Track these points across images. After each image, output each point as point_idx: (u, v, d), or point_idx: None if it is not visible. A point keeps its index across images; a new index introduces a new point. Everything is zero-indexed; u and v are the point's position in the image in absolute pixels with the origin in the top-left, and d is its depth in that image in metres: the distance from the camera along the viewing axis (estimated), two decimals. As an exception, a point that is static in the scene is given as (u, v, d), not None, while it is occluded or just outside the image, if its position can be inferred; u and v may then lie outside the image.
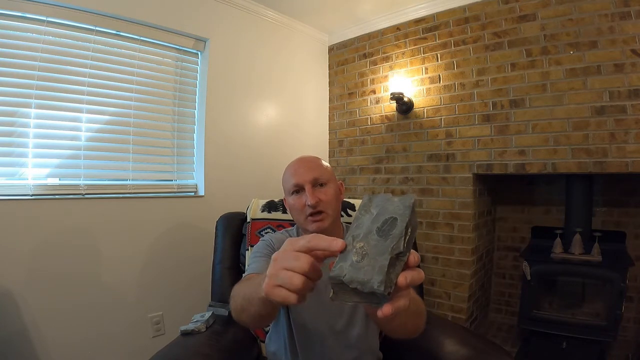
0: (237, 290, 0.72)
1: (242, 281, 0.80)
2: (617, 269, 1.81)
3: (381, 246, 0.39)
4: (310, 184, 0.93)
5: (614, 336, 1.80)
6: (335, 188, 0.98)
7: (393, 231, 0.39)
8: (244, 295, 0.65)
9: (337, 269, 0.39)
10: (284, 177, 0.99)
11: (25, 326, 1.42)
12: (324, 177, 0.95)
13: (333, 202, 0.94)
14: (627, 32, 1.67)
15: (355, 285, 0.38)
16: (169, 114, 1.96)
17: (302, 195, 0.93)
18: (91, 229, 1.62)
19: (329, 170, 0.99)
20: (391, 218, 0.40)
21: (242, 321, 0.69)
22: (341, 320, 0.93)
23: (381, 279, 0.37)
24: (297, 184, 0.94)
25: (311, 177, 0.93)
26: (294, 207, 0.95)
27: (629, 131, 1.67)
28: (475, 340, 1.03)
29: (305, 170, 0.95)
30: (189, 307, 1.86)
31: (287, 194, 0.98)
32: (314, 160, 0.99)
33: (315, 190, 0.93)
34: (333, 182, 0.98)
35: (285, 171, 1.00)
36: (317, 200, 0.90)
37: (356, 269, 0.38)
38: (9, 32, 1.46)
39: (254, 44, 2.29)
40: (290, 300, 0.42)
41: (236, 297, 0.70)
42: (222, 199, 2.04)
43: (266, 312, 0.62)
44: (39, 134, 1.54)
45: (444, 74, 2.24)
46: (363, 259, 0.38)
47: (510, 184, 2.50)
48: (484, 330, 2.43)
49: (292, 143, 2.53)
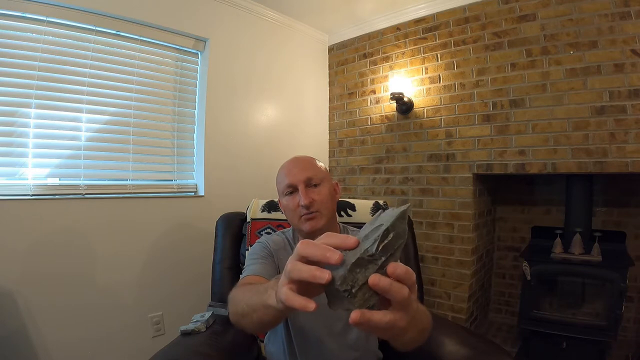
0: (238, 297, 0.70)
1: (241, 285, 0.78)
2: (617, 269, 1.81)
3: (357, 248, 0.39)
4: (303, 184, 0.92)
5: (614, 336, 1.80)
6: (330, 188, 0.97)
7: (373, 236, 0.38)
8: (247, 302, 0.63)
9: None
10: (278, 178, 0.98)
11: (25, 326, 1.42)
12: (317, 177, 0.94)
13: (327, 202, 0.93)
14: (627, 32, 1.67)
15: (330, 287, 0.38)
16: (169, 114, 1.96)
17: (296, 196, 0.92)
18: (91, 229, 1.62)
19: (323, 170, 0.98)
20: (379, 225, 0.39)
21: (241, 326, 0.68)
22: (339, 322, 0.93)
23: (342, 274, 0.37)
24: (290, 184, 0.93)
25: (304, 177, 0.92)
26: (287, 207, 0.95)
27: (629, 131, 1.67)
28: (475, 340, 1.03)
29: (298, 170, 0.94)
30: (189, 307, 1.86)
31: (281, 194, 0.97)
32: (307, 160, 0.98)
33: (309, 191, 0.92)
34: (327, 181, 0.97)
35: (279, 172, 0.99)
36: (310, 200, 0.90)
37: (335, 273, 0.38)
38: (9, 32, 1.46)
39: (254, 44, 2.29)
40: (309, 308, 0.40)
41: (237, 303, 0.68)
42: (222, 199, 2.04)
43: (269, 321, 0.60)
44: (39, 134, 1.54)
45: (444, 74, 2.24)
46: (343, 263, 0.38)
47: (510, 184, 2.50)
48: (484, 330, 2.43)
49: (292, 143, 2.53)
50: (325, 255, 0.38)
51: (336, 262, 0.37)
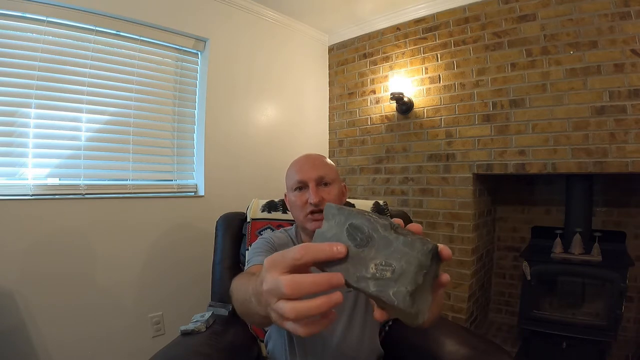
0: (236, 289, 0.68)
1: (242, 275, 0.76)
2: (617, 269, 1.81)
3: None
4: (314, 182, 0.91)
5: (614, 336, 1.80)
6: (339, 189, 0.96)
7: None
8: (242, 304, 0.59)
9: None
10: (288, 173, 0.97)
11: (25, 326, 1.42)
12: (329, 176, 0.94)
13: (335, 202, 0.92)
14: (627, 32, 1.67)
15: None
16: (169, 114, 1.96)
17: (305, 193, 0.92)
18: (91, 229, 1.62)
19: (334, 170, 0.98)
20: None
21: (245, 321, 0.69)
22: (341, 321, 0.93)
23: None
24: (301, 180, 0.92)
25: (316, 175, 0.92)
26: (295, 203, 0.94)
27: (629, 131, 1.67)
28: (475, 340, 1.03)
29: (310, 167, 0.93)
30: (189, 307, 1.86)
31: (290, 190, 0.96)
32: (320, 159, 0.97)
33: (319, 189, 0.91)
34: (337, 182, 0.96)
35: (290, 167, 0.98)
36: (320, 198, 0.89)
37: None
38: (9, 32, 1.46)
39: (254, 44, 2.29)
40: (321, 329, 0.37)
41: (235, 299, 0.66)
42: (222, 199, 2.04)
43: (266, 323, 0.59)
44: (39, 134, 1.54)
45: (444, 74, 2.24)
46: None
47: (510, 184, 2.50)
48: (484, 330, 2.43)
49: (292, 143, 2.53)
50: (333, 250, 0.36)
51: (341, 254, 0.36)
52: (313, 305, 0.34)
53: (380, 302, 0.36)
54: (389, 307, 0.35)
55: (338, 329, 0.92)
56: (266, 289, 0.37)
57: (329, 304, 0.34)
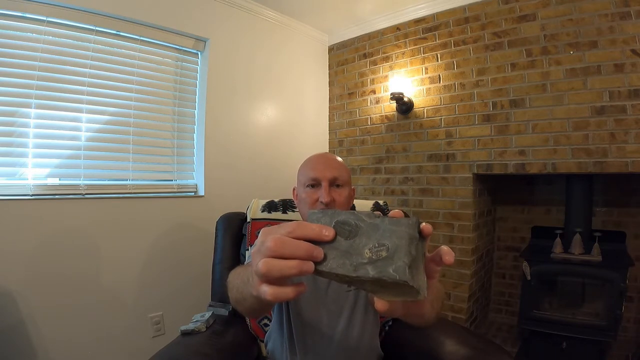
0: (232, 282, 0.69)
1: (239, 266, 0.77)
2: (617, 269, 1.81)
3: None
4: (328, 182, 0.91)
5: (614, 336, 1.80)
6: (349, 192, 0.97)
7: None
8: (237, 289, 0.63)
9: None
10: (302, 169, 0.97)
11: (25, 327, 1.42)
12: (342, 178, 0.94)
13: (344, 205, 0.93)
14: (627, 32, 1.67)
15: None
16: (169, 114, 1.96)
17: (317, 191, 0.92)
18: (91, 229, 1.62)
19: (348, 173, 0.98)
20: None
21: (240, 311, 0.68)
22: (341, 321, 0.93)
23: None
24: (315, 177, 0.92)
25: (331, 176, 0.92)
26: (304, 200, 0.94)
27: (629, 131, 1.67)
28: (475, 340, 1.03)
29: (326, 166, 0.93)
30: (189, 307, 1.86)
31: (301, 185, 0.96)
32: (337, 160, 0.98)
33: (332, 190, 0.91)
34: (348, 186, 0.97)
35: (305, 163, 0.98)
36: (331, 199, 0.89)
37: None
38: (9, 32, 1.46)
39: (253, 44, 2.29)
40: (286, 297, 0.38)
41: (231, 288, 0.69)
42: (222, 199, 2.04)
43: (260, 307, 0.63)
44: (39, 134, 1.54)
45: (444, 74, 2.24)
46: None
47: (510, 184, 2.50)
48: (484, 330, 2.43)
49: (292, 143, 2.53)
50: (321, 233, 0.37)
51: (329, 238, 0.37)
52: (285, 264, 0.36)
53: (380, 290, 0.38)
54: (390, 289, 0.37)
55: (338, 329, 0.93)
56: (254, 250, 0.39)
57: (301, 267, 0.36)
